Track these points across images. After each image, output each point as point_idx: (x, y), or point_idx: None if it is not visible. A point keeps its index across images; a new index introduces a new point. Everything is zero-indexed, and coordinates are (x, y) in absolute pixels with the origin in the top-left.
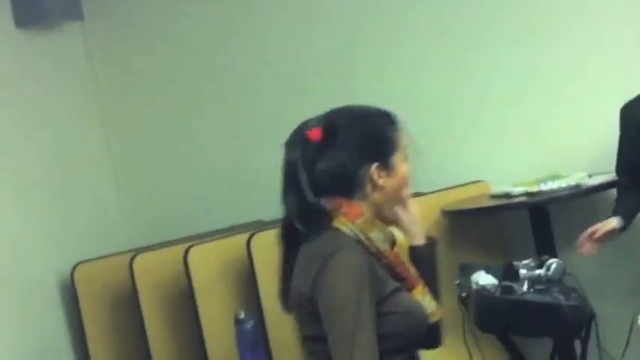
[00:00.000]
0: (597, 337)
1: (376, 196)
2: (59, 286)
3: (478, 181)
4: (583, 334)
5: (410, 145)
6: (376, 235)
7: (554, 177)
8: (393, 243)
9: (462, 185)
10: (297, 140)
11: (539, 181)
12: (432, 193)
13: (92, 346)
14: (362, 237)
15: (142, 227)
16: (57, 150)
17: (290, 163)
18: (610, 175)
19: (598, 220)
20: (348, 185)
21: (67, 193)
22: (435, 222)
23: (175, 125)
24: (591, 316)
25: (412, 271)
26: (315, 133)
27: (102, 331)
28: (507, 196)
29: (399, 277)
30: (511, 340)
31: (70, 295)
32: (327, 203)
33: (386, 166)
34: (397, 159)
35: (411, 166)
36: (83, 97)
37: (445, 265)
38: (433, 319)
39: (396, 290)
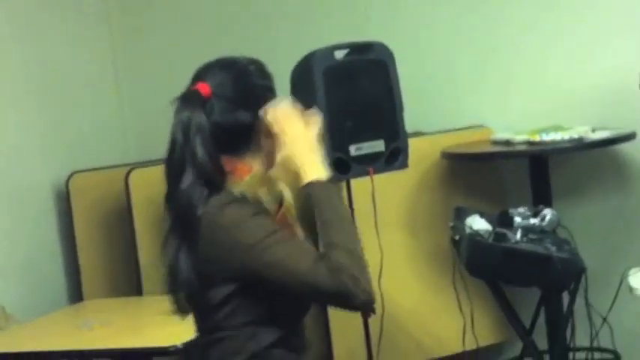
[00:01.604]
0: (586, 291)
1: (268, 145)
2: (54, 194)
3: (480, 126)
4: (572, 287)
5: None
6: (264, 195)
7: (557, 128)
8: (280, 204)
9: (463, 129)
10: (187, 100)
11: (541, 131)
12: (433, 134)
13: (82, 256)
14: (249, 196)
15: (142, 142)
16: (61, 59)
17: (184, 124)
18: (613, 131)
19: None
20: (245, 139)
21: (69, 101)
22: (434, 163)
23: (184, 42)
24: (581, 270)
25: (299, 233)
26: (204, 87)
27: (93, 242)
28: (508, 143)
29: None
30: (500, 287)
31: (64, 204)
32: (223, 163)
33: None
34: None
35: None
36: (91, 8)
37: (441, 207)
38: None
39: None
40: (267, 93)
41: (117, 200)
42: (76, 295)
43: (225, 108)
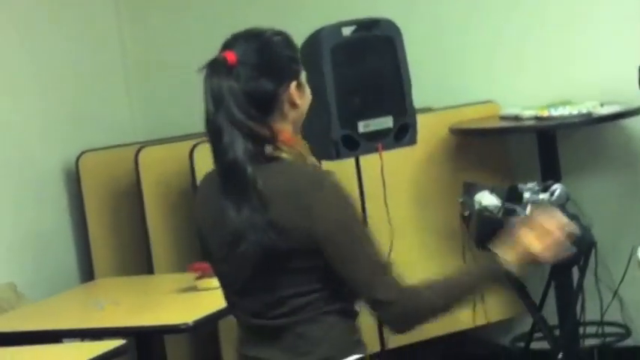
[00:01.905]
0: (595, 266)
1: (292, 115)
2: (64, 174)
3: (489, 102)
4: (581, 262)
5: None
6: (310, 159)
7: (566, 103)
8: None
9: (472, 104)
10: (215, 68)
11: (549, 106)
12: (442, 109)
13: (93, 235)
14: (304, 160)
15: (151, 121)
16: (67, 38)
17: (214, 91)
18: (621, 106)
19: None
20: (269, 106)
21: (76, 80)
22: (443, 139)
23: (190, 20)
24: (591, 245)
25: None
26: (231, 55)
27: (103, 222)
28: (517, 118)
29: None
30: None
31: (74, 184)
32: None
33: (301, 84)
34: (303, 77)
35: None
36: None
37: (450, 182)
38: None
39: None
40: (291, 64)
41: (127, 179)
42: (87, 274)
43: (250, 75)
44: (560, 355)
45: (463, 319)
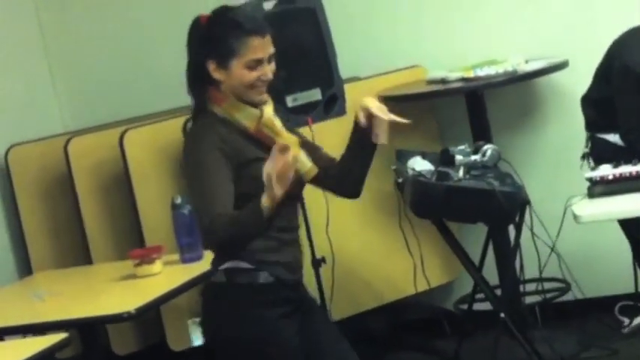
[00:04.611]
0: (531, 223)
1: (225, 84)
2: None
3: (415, 66)
4: (517, 220)
5: (258, 56)
6: (240, 115)
7: (491, 62)
8: (260, 119)
9: (398, 70)
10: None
11: (475, 67)
12: (369, 78)
13: (28, 229)
14: (228, 117)
15: (77, 110)
16: None
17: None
18: (546, 61)
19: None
20: (201, 71)
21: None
22: None
23: (111, 5)
24: (525, 202)
25: (284, 136)
26: (204, 19)
27: (37, 215)
28: (444, 81)
29: (265, 147)
30: (446, 226)
31: (5, 179)
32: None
33: (222, 65)
34: (236, 63)
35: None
36: None
37: (382, 150)
38: (308, 176)
39: (258, 159)
40: (206, 45)
41: (58, 170)
42: (24, 269)
43: (189, 50)
44: (501, 315)
45: (405, 286)
